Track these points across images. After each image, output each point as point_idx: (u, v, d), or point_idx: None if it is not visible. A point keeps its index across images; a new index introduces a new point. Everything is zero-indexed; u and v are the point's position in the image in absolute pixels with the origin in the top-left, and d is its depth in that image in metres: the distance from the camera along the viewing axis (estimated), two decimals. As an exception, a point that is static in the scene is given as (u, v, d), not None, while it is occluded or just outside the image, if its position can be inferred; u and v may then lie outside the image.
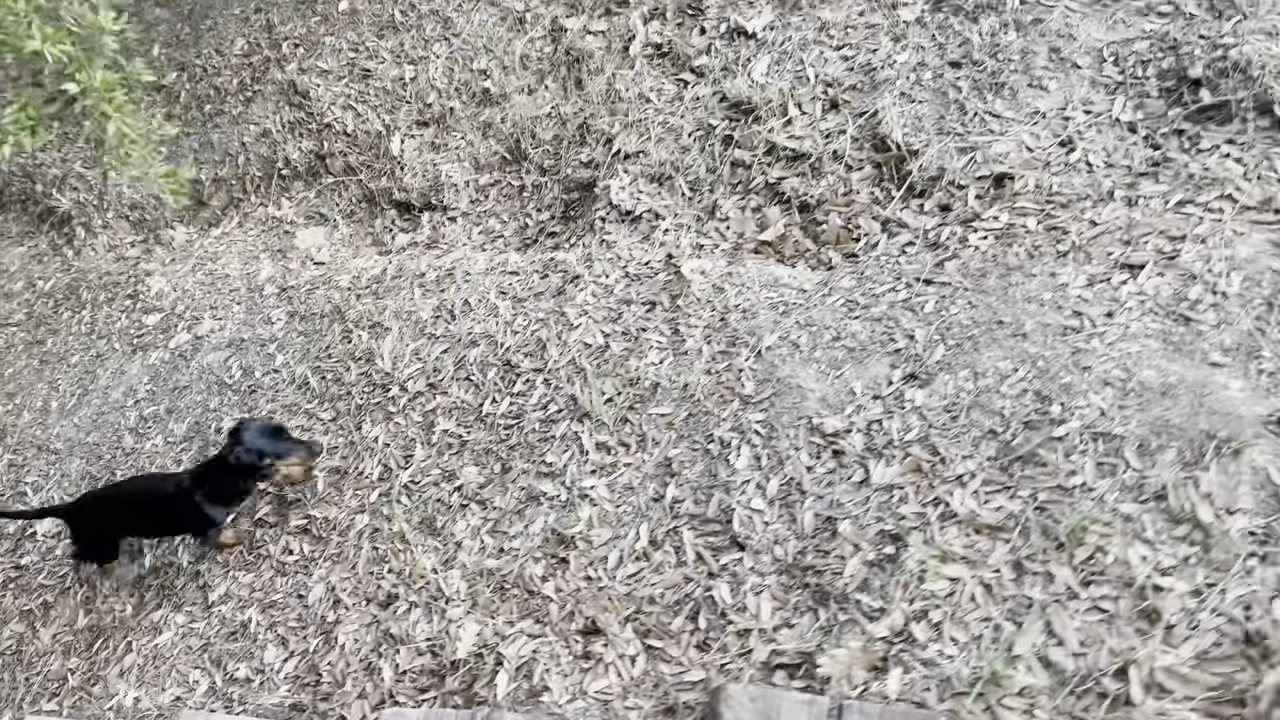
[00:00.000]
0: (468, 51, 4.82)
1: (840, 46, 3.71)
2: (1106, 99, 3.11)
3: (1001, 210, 3.06)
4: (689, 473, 2.81)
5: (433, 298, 3.88)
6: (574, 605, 2.65)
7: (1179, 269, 2.63)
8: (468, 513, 3.06)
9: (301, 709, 2.77)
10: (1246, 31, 2.94)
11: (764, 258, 3.49)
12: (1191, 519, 2.09)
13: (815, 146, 3.49)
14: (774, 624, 2.40)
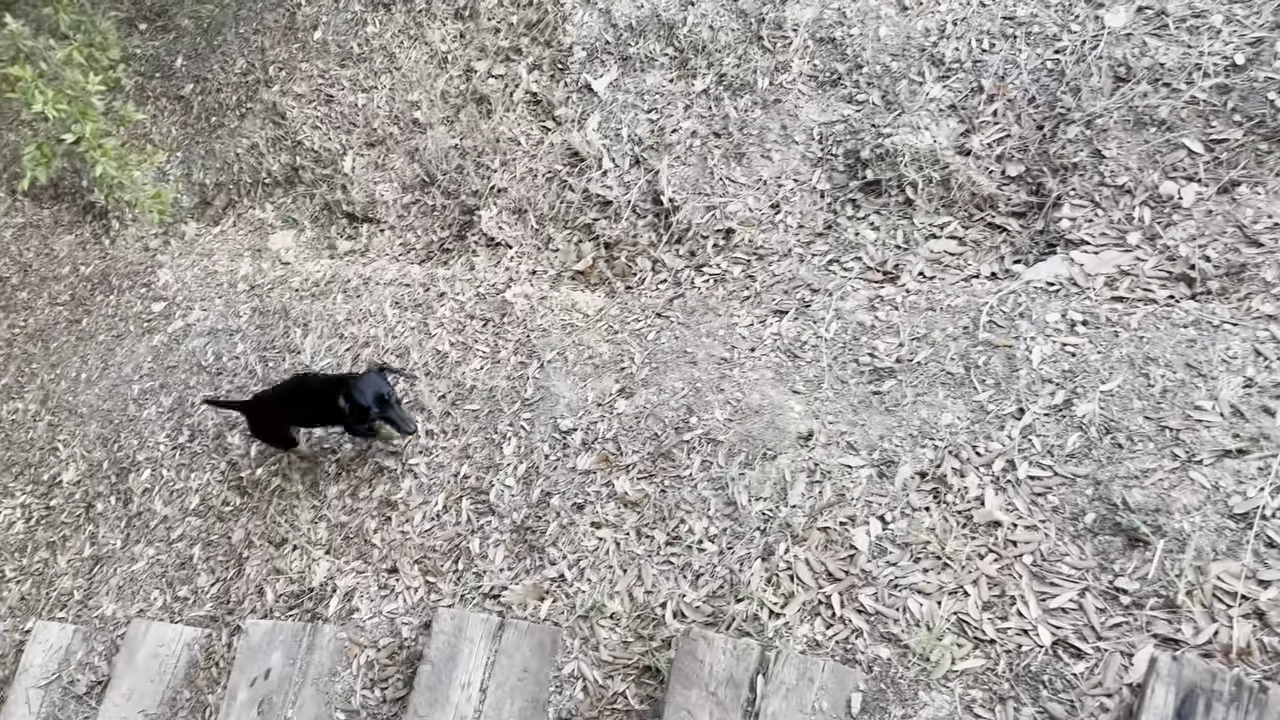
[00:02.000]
0: (405, 84, 5.95)
1: (650, 110, 4.73)
2: (810, 170, 4.09)
3: (723, 259, 4.10)
4: (478, 456, 4.01)
5: (350, 303, 5.11)
6: (388, 550, 3.91)
7: (807, 315, 3.66)
8: (339, 480, 4.33)
9: (215, 619, 4.13)
10: (900, 124, 3.88)
11: (576, 285, 4.62)
12: (734, 503, 3.20)
13: (618, 195, 4.55)
14: (500, 568, 3.62)
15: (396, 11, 6.04)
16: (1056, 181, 3.38)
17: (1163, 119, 3.25)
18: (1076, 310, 3.03)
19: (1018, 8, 3.75)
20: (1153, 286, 3.01)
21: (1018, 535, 2.61)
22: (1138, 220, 3.17)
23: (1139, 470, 2.59)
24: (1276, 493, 2.38)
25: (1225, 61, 3.20)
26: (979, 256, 3.48)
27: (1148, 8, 3.44)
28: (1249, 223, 2.96)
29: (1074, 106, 3.44)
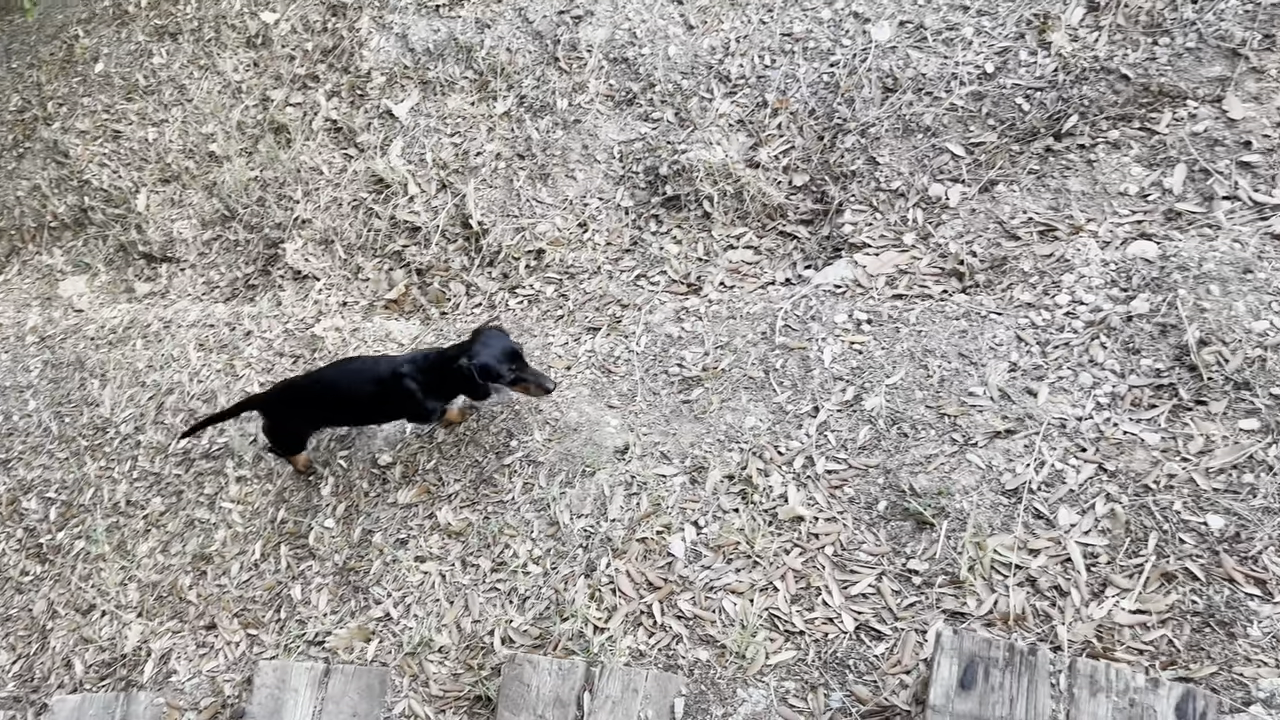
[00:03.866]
0: (199, 116, 5.68)
1: (453, 134, 4.70)
2: (614, 188, 4.16)
3: (536, 279, 4.11)
4: (295, 499, 3.87)
5: (151, 348, 4.84)
6: (205, 606, 3.72)
7: (619, 331, 3.72)
8: (149, 536, 4.09)
9: (18, 700, 3.82)
10: (694, 140, 4.00)
11: (389, 314, 4.53)
12: (557, 523, 3.21)
13: (427, 221, 4.49)
14: (324, 612, 3.50)
15: (184, 41, 5.79)
16: (838, 189, 3.58)
17: (928, 125, 3.49)
18: (861, 310, 3.20)
19: (794, 25, 3.94)
20: (928, 283, 3.23)
21: (819, 528, 2.74)
22: (912, 221, 3.38)
23: (923, 456, 2.76)
24: (1041, 468, 2.59)
25: (978, 70, 3.46)
26: (774, 264, 3.64)
27: (909, 22, 3.69)
28: (1007, 218, 3.21)
29: (849, 117, 3.64)
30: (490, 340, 3.09)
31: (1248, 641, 2.13)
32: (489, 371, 3.04)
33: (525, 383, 3.16)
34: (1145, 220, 3.01)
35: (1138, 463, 2.50)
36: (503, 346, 3.08)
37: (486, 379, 3.05)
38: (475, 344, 3.08)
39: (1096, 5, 3.31)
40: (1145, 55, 3.19)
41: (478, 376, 3.03)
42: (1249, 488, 2.35)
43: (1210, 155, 2.99)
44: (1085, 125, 3.25)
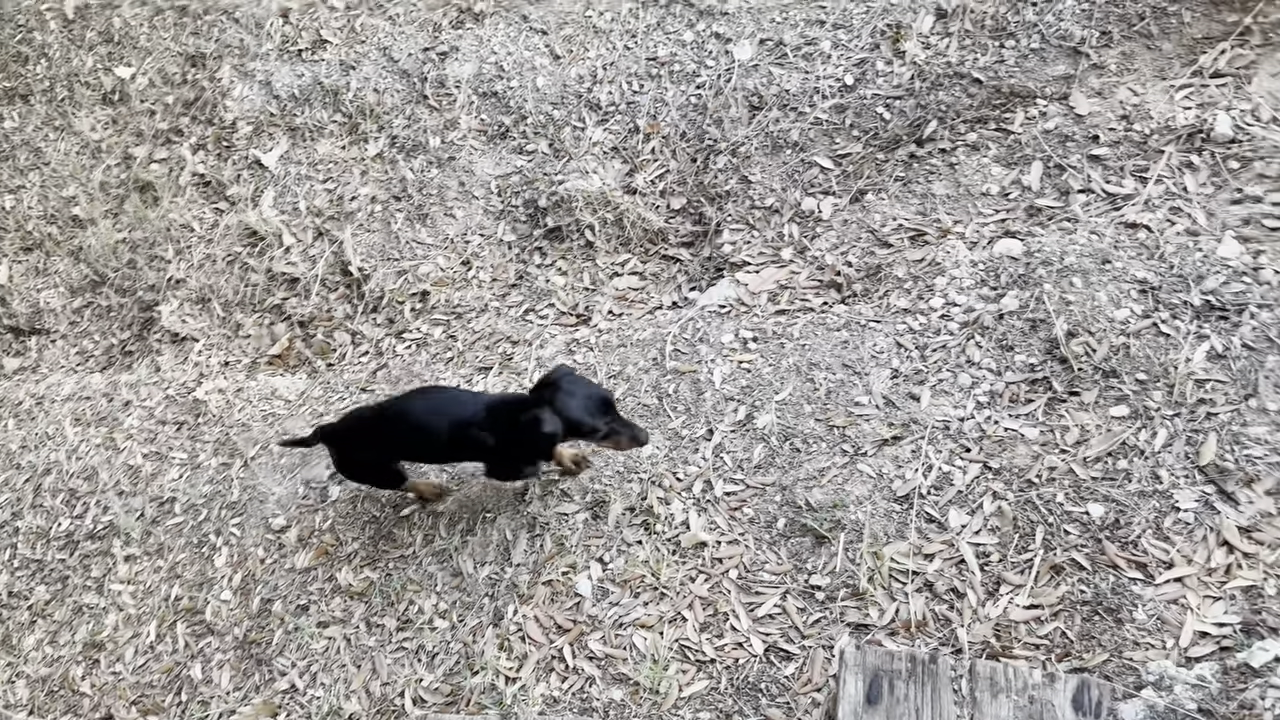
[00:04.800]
0: (58, 179, 5.41)
1: (326, 179, 4.57)
2: (494, 223, 4.10)
3: (423, 322, 4.02)
4: (188, 573, 3.70)
5: (24, 427, 4.57)
6: (100, 697, 3.52)
7: (511, 368, 3.66)
8: (35, 628, 3.85)
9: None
10: (570, 170, 3.97)
11: (274, 370, 4.37)
12: (460, 573, 3.13)
13: (305, 271, 4.36)
14: (227, 690, 3.34)
15: (36, 103, 5.53)
16: (714, 209, 3.60)
17: (795, 140, 3.54)
18: (747, 328, 3.22)
19: (659, 49, 3.96)
20: (809, 296, 3.26)
21: (722, 552, 2.73)
22: (788, 236, 3.42)
23: (816, 470, 2.78)
24: (929, 472, 2.63)
25: (838, 83, 3.53)
26: (659, 288, 3.63)
27: (769, 39, 3.74)
28: (878, 226, 3.27)
29: (720, 137, 3.67)
30: (573, 387, 2.55)
31: (1134, 626, 2.19)
32: (580, 427, 2.53)
33: (618, 436, 2.60)
34: (1008, 218, 3.10)
35: (1020, 458, 2.56)
36: (589, 394, 2.55)
37: (573, 435, 2.56)
38: (554, 391, 2.54)
39: (945, 12, 3.41)
40: (994, 58, 3.30)
41: (561, 432, 2.51)
42: (1124, 473, 2.43)
43: (1063, 151, 3.09)
44: (945, 130, 3.33)
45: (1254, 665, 1.95)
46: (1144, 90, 3.08)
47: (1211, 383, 2.47)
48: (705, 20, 3.91)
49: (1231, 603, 2.15)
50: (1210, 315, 2.56)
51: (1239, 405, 2.41)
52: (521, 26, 4.32)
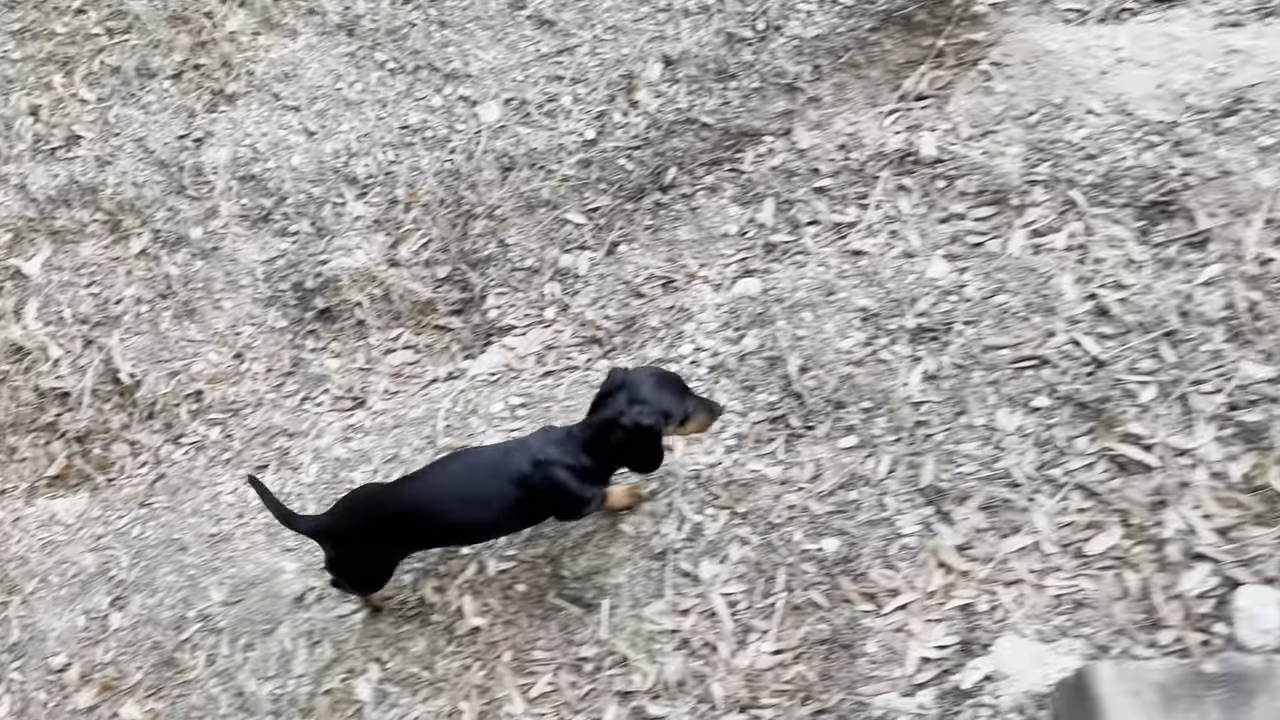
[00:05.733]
0: None
1: (90, 284, 4.35)
2: (264, 311, 3.97)
3: (200, 424, 3.86)
4: (-34, 729, 3.45)
5: None
6: None
7: (287, 463, 3.54)
8: None
9: None
10: (334, 248, 3.88)
11: (54, 492, 4.14)
12: (243, 693, 3.00)
13: (76, 384, 4.13)
14: None
15: None
16: (478, 275, 3.58)
17: (547, 199, 3.55)
18: (516, 395, 3.21)
19: (410, 116, 3.92)
20: (573, 354, 3.27)
21: (495, 634, 2.71)
22: (550, 296, 3.43)
23: (582, 537, 2.78)
24: (682, 525, 2.66)
25: (581, 138, 3.55)
26: (434, 361, 3.59)
27: (513, 99, 3.75)
28: (632, 277, 3.31)
29: (476, 201, 3.66)
30: (640, 381, 2.35)
31: (867, 660, 2.26)
32: (671, 418, 2.35)
33: (701, 416, 2.45)
34: (748, 257, 3.17)
35: (763, 500, 2.62)
36: (660, 379, 2.38)
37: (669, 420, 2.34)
38: (626, 394, 2.34)
39: (671, 60, 3.47)
40: (720, 101, 3.38)
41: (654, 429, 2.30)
42: (854, 504, 2.50)
43: (790, 185, 3.19)
44: (684, 175, 3.40)
45: (965, 687, 2.03)
46: (858, 119, 3.20)
47: (927, 404, 2.57)
48: (451, 84, 3.90)
49: (950, 624, 2.23)
50: (924, 337, 2.67)
51: (952, 424, 2.51)
52: (274, 105, 4.22)
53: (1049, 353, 2.52)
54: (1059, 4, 3.11)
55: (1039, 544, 2.29)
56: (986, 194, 2.88)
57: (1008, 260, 2.70)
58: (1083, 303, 2.55)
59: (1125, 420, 2.34)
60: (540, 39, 3.82)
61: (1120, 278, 2.55)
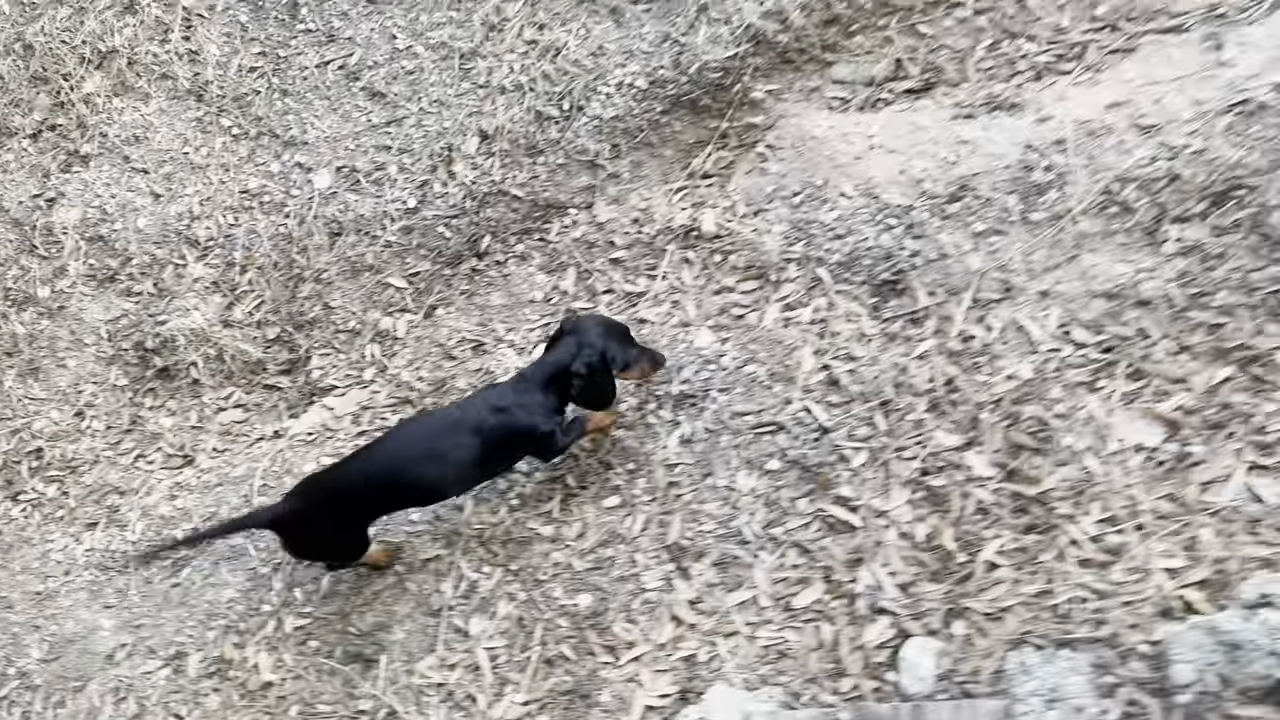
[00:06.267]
0: None
1: (-64, 341, 4.43)
2: (106, 369, 4.09)
3: (39, 482, 3.96)
4: None
5: None
6: None
7: (116, 521, 3.66)
8: None
9: None
10: (173, 308, 4.02)
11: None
12: (53, 749, 3.10)
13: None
14: None
15: None
16: (304, 336, 3.75)
17: (371, 264, 3.74)
18: (329, 455, 3.38)
19: (250, 181, 4.10)
20: (387, 414, 3.45)
21: (286, 689, 2.87)
22: (370, 357, 3.61)
23: (373, 594, 2.96)
24: (460, 582, 2.85)
25: (405, 206, 3.76)
26: (263, 419, 3.75)
27: (344, 166, 3.94)
28: (445, 340, 3.51)
29: (306, 265, 3.83)
30: (589, 328, 2.63)
31: (599, 709, 2.46)
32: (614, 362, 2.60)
33: (642, 363, 2.69)
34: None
35: (535, 557, 2.82)
36: (607, 326, 2.66)
37: (608, 376, 2.61)
38: (576, 338, 2.60)
39: (487, 135, 3.70)
40: (530, 175, 3.60)
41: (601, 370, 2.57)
42: (610, 560, 2.72)
43: (590, 256, 3.42)
44: (498, 244, 3.61)
45: (674, 734, 2.24)
46: (651, 194, 3.45)
47: (680, 466, 2.79)
48: (290, 151, 4.08)
49: (675, 674, 2.45)
50: (685, 403, 2.90)
51: (699, 485, 2.74)
52: (124, 168, 4.37)
53: (785, 419, 2.76)
54: (825, 92, 3.38)
55: (757, 598, 2.51)
56: (753, 269, 3.12)
57: (761, 332, 2.95)
58: (818, 373, 2.80)
59: (839, 483, 2.58)
60: (372, 110, 4.02)
61: (852, 350, 2.80)
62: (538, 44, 3.77)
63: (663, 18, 3.59)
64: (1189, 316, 2.42)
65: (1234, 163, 2.53)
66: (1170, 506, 2.19)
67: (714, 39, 3.44)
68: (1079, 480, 2.30)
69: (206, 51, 4.43)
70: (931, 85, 3.20)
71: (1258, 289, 2.38)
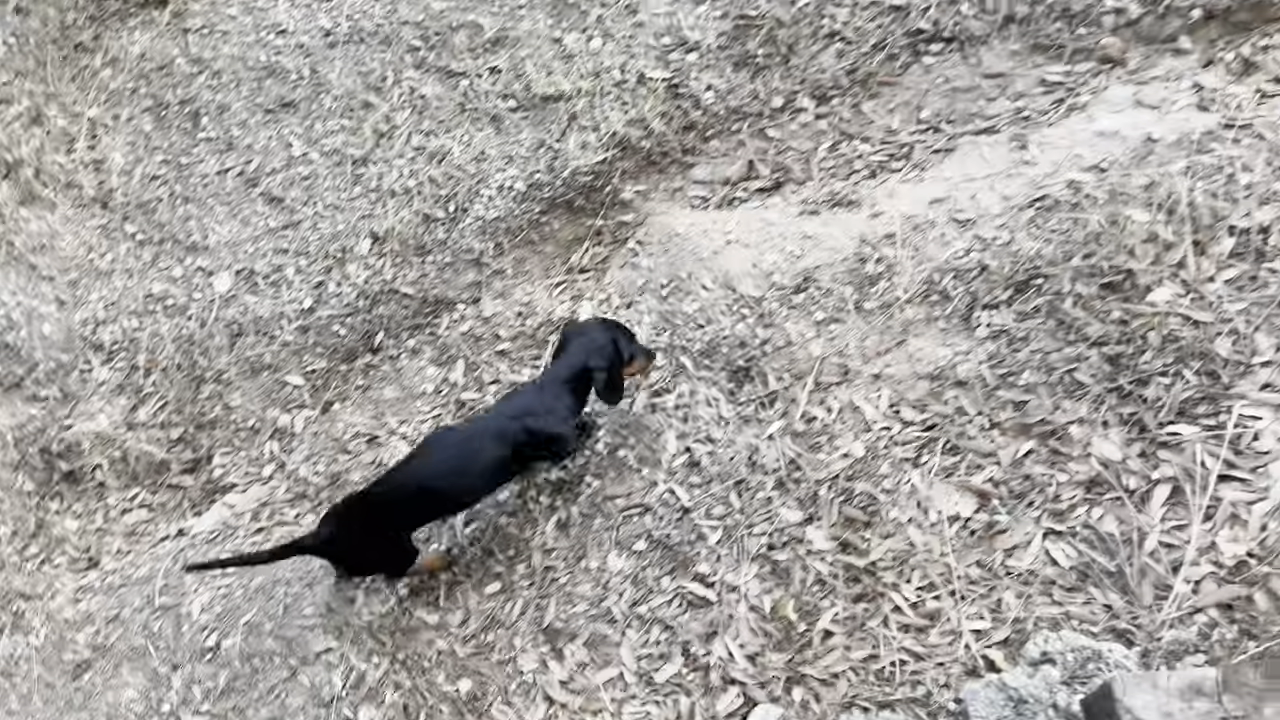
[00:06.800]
0: None
1: None
2: (13, 475, 4.15)
3: (-57, 590, 3.99)
4: None
5: None
6: None
7: (21, 627, 3.71)
8: None
9: None
10: (79, 413, 4.12)
11: None
12: None
13: None
14: None
15: None
16: (206, 436, 3.88)
17: (269, 363, 3.90)
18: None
19: (154, 285, 4.25)
20: (285, 510, 3.59)
21: (184, 788, 2.95)
22: (269, 454, 3.75)
23: (268, 688, 3.07)
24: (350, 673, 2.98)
25: (301, 306, 3.93)
26: (166, 519, 3.86)
27: (244, 270, 4.11)
28: (341, 435, 3.67)
29: (207, 366, 3.98)
30: (593, 330, 2.90)
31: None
32: (622, 357, 2.89)
33: (635, 360, 2.96)
34: (441, 413, 3.57)
35: (420, 645, 2.97)
36: (611, 325, 2.95)
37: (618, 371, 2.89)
38: (586, 338, 2.88)
39: (379, 236, 3.90)
40: (419, 273, 3.81)
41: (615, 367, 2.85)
42: (490, 645, 2.87)
43: (476, 348, 3.62)
44: (390, 339, 3.80)
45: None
46: (534, 289, 3.67)
47: (556, 550, 2.97)
48: (192, 255, 4.25)
49: (545, 752, 2.60)
50: (562, 489, 3.09)
51: (574, 568, 2.92)
52: (30, 275, 4.49)
53: (651, 501, 2.96)
54: (688, 192, 3.65)
55: (623, 674, 2.69)
56: (624, 358, 3.34)
57: (632, 418, 3.16)
58: (681, 455, 3.02)
59: (697, 560, 2.79)
60: (270, 214, 4.22)
61: (711, 433, 3.02)
62: (425, 150, 4.01)
63: (538, 125, 3.85)
64: (999, 395, 2.69)
65: (1034, 254, 2.82)
66: (979, 572, 2.42)
67: (584, 145, 3.71)
68: (902, 551, 2.53)
69: (111, 160, 4.60)
70: (781, 184, 3.49)
71: (1055, 369, 2.65)
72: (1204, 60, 3.05)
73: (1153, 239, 2.65)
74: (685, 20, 3.75)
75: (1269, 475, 2.23)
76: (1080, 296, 2.67)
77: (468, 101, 4.02)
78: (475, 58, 4.06)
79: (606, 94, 3.75)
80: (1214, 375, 2.41)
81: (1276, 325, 2.41)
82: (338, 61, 4.37)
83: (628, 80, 3.75)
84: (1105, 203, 2.79)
